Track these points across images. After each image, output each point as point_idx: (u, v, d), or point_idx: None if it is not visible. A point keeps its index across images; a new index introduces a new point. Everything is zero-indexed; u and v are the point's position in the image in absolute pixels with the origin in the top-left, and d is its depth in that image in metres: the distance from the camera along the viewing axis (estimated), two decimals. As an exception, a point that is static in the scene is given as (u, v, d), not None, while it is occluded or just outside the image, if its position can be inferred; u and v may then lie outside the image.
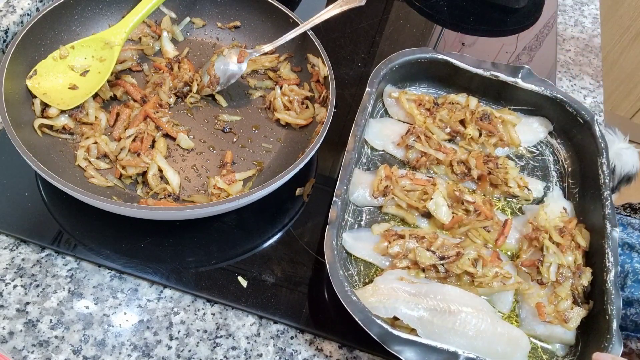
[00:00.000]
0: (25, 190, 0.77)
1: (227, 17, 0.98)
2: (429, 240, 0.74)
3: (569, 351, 0.73)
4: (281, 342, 0.70)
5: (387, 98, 0.94)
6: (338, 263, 0.67)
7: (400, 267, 0.74)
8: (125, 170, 0.78)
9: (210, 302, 0.72)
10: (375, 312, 0.66)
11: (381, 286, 0.69)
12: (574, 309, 0.72)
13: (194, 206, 0.69)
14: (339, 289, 0.65)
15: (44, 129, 0.80)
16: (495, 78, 0.92)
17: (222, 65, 0.89)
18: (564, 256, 0.76)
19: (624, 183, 0.92)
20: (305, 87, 0.92)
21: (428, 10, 1.19)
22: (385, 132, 0.90)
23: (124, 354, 0.66)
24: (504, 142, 0.90)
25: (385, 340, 0.63)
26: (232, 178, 0.80)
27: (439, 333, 0.67)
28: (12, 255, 0.72)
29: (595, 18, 1.25)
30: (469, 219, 0.80)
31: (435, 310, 0.68)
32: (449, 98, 0.93)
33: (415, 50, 0.93)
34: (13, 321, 0.66)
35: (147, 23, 0.95)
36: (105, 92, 0.86)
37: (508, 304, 0.75)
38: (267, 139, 0.88)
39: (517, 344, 0.69)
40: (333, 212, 0.72)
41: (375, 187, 0.80)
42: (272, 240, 0.78)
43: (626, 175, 0.90)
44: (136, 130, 0.82)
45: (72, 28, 0.88)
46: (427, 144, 0.87)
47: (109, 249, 0.73)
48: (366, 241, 0.77)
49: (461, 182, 0.86)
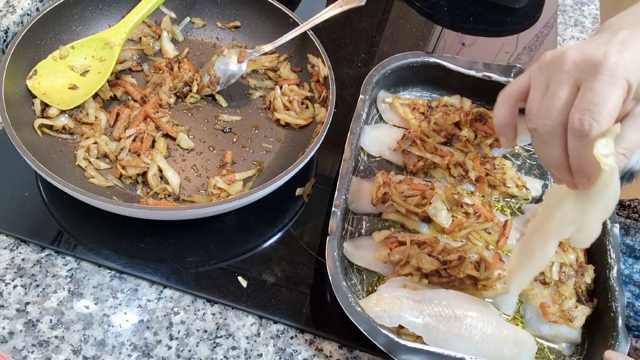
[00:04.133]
0: (25, 190, 0.77)
1: (227, 17, 0.98)
2: (430, 246, 0.74)
3: (576, 350, 0.73)
4: (281, 342, 0.70)
5: (381, 104, 0.94)
6: (340, 274, 0.67)
7: (402, 274, 0.74)
8: (125, 170, 0.78)
9: (210, 302, 0.72)
10: (380, 321, 0.66)
11: (385, 295, 0.69)
12: (578, 308, 0.72)
13: (194, 206, 0.69)
14: (342, 300, 0.65)
15: (44, 129, 0.80)
16: (488, 79, 0.92)
17: (222, 65, 0.89)
18: (565, 255, 0.76)
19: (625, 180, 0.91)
20: (305, 87, 0.92)
21: (428, 10, 1.19)
22: (380, 138, 0.89)
23: (124, 354, 0.66)
24: (499, 142, 0.90)
25: (392, 349, 0.63)
26: (232, 178, 0.80)
27: (445, 339, 0.67)
28: (12, 255, 0.72)
29: (595, 18, 1.25)
30: (469, 221, 0.79)
31: (440, 317, 0.68)
32: (443, 101, 0.93)
33: (407, 54, 0.92)
34: (13, 321, 0.66)
35: (147, 23, 0.95)
36: (105, 92, 0.86)
37: (512, 305, 0.74)
38: (267, 139, 0.88)
39: (523, 345, 0.69)
40: (333, 223, 0.72)
41: (374, 194, 0.80)
42: (272, 240, 0.78)
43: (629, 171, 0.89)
44: (136, 130, 0.82)
45: (72, 28, 0.88)
46: (424, 148, 0.86)
47: (109, 249, 0.73)
48: (367, 249, 0.77)
49: (459, 185, 0.86)
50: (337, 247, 0.70)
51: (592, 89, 0.50)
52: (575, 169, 0.53)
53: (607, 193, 0.52)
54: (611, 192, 0.52)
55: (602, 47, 0.51)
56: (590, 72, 0.51)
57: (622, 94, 0.50)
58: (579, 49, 0.53)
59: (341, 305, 0.65)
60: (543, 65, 0.56)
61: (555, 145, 0.53)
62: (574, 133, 0.51)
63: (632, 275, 0.94)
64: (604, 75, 0.50)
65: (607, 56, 0.50)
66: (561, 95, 0.52)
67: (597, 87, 0.50)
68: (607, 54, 0.50)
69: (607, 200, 0.53)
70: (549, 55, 0.56)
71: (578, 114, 0.50)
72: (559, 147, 0.53)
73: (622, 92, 0.50)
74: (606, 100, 0.49)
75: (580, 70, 0.52)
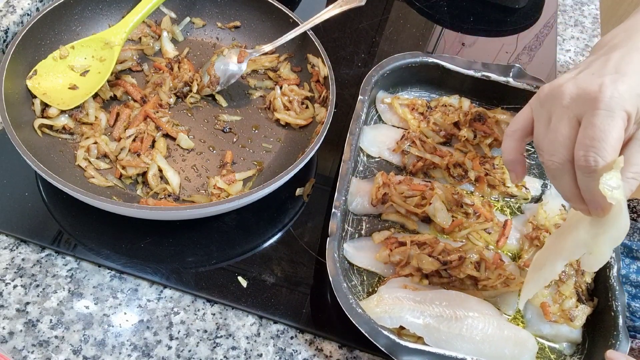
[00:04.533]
0: (25, 190, 0.77)
1: (227, 17, 0.98)
2: (431, 246, 0.74)
3: (577, 349, 0.73)
4: (281, 342, 0.70)
5: (380, 104, 0.93)
6: (341, 275, 0.67)
7: (403, 274, 0.74)
8: (125, 170, 0.78)
9: (210, 302, 0.72)
10: (381, 322, 0.66)
11: (385, 296, 0.69)
12: (578, 307, 0.72)
13: (194, 206, 0.69)
14: (343, 302, 0.65)
15: (44, 129, 0.80)
16: (486, 78, 0.92)
17: (222, 65, 0.89)
18: (565, 254, 0.76)
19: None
20: (305, 87, 0.92)
21: (428, 10, 1.19)
22: (380, 139, 0.89)
23: (124, 354, 0.66)
24: (499, 142, 0.90)
25: (393, 351, 0.63)
26: (232, 178, 0.80)
27: (446, 340, 0.67)
28: (12, 255, 0.72)
29: (595, 18, 1.25)
30: (469, 221, 0.80)
31: (441, 317, 0.68)
32: (442, 101, 0.93)
33: (405, 54, 0.92)
34: (13, 321, 0.66)
35: (147, 23, 0.95)
36: (105, 92, 0.86)
37: (513, 305, 0.74)
38: (267, 139, 0.88)
39: (524, 345, 0.69)
40: (333, 224, 0.71)
41: (374, 195, 0.80)
42: (272, 240, 0.78)
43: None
44: (136, 130, 0.82)
45: (72, 28, 0.88)
46: (423, 148, 0.86)
47: (109, 249, 0.73)
48: (367, 250, 0.77)
49: (459, 185, 0.86)
50: (338, 248, 0.70)
51: (592, 125, 0.51)
52: (587, 201, 0.54)
53: (618, 222, 0.54)
54: (621, 222, 0.54)
55: (597, 79, 0.52)
56: (588, 107, 0.52)
57: (623, 124, 0.51)
58: (574, 82, 0.54)
59: (342, 306, 0.65)
60: (542, 99, 0.57)
61: (566, 179, 0.54)
62: (581, 170, 0.52)
63: (628, 276, 0.94)
64: (601, 110, 0.51)
65: (602, 89, 0.51)
66: (563, 131, 0.53)
67: (597, 122, 0.51)
68: (602, 86, 0.51)
69: (618, 230, 0.54)
70: (546, 89, 0.57)
71: (582, 151, 0.51)
72: (570, 181, 0.54)
73: (622, 123, 0.51)
74: (608, 135, 0.50)
75: (578, 105, 0.53)
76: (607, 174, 0.50)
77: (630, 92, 0.51)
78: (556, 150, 0.54)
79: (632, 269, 0.95)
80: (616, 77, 0.52)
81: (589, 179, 0.52)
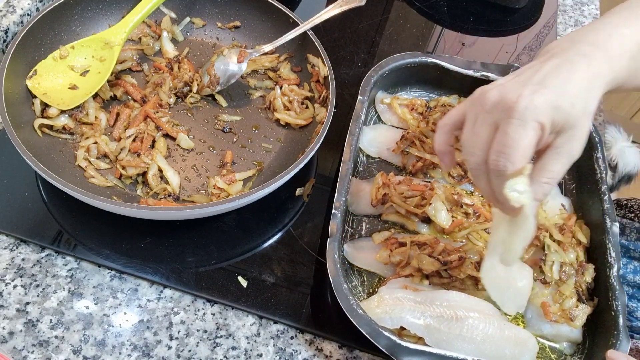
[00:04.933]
0: (25, 190, 0.77)
1: (227, 17, 0.98)
2: (431, 246, 0.74)
3: (577, 349, 0.73)
4: (281, 342, 0.70)
5: (379, 104, 0.93)
6: (341, 276, 0.67)
7: (403, 275, 0.74)
8: (125, 170, 0.78)
9: (210, 302, 0.72)
10: (382, 323, 0.66)
11: (386, 296, 0.69)
12: (579, 307, 0.72)
13: (194, 206, 0.69)
14: (344, 303, 0.65)
15: (44, 129, 0.80)
16: (485, 78, 0.92)
17: (222, 65, 0.89)
18: (565, 254, 0.76)
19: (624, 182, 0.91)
20: (305, 87, 0.92)
21: (428, 10, 1.19)
22: (379, 139, 0.89)
23: (124, 354, 0.66)
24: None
25: (394, 351, 0.63)
26: (232, 178, 0.80)
27: (446, 340, 0.67)
28: (12, 255, 0.72)
29: (595, 18, 1.25)
30: (469, 221, 0.79)
31: (441, 318, 0.68)
32: (441, 101, 0.93)
33: (404, 55, 0.92)
34: (13, 321, 0.66)
35: (147, 23, 0.95)
36: (105, 92, 0.86)
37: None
38: (267, 139, 0.88)
39: (524, 345, 0.69)
40: (333, 225, 0.71)
41: (374, 196, 0.80)
42: (272, 240, 0.78)
43: (627, 175, 0.89)
44: (136, 130, 0.82)
45: (72, 28, 0.88)
46: (422, 148, 0.86)
47: (109, 249, 0.73)
48: (368, 251, 0.77)
49: (459, 185, 0.86)
50: (338, 249, 0.70)
51: (505, 133, 0.54)
52: (500, 201, 0.57)
53: (527, 224, 0.58)
54: (529, 224, 0.57)
55: (519, 89, 0.55)
56: (505, 115, 0.55)
57: (534, 134, 0.54)
58: (499, 89, 0.56)
59: (342, 307, 0.65)
60: (473, 100, 0.60)
61: (483, 179, 0.58)
62: (493, 173, 0.55)
63: (625, 275, 0.94)
64: (515, 119, 0.54)
65: (518, 100, 0.54)
66: (483, 134, 0.56)
67: (509, 130, 0.54)
68: (520, 97, 0.54)
69: (526, 231, 0.58)
70: (478, 91, 0.59)
71: (494, 155, 0.54)
72: (486, 181, 0.57)
73: (534, 133, 0.54)
74: (518, 143, 0.53)
75: (497, 111, 0.55)
76: (513, 179, 0.54)
77: (547, 105, 0.54)
78: (475, 151, 0.57)
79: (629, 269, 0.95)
80: (536, 88, 0.55)
81: (499, 182, 0.55)
